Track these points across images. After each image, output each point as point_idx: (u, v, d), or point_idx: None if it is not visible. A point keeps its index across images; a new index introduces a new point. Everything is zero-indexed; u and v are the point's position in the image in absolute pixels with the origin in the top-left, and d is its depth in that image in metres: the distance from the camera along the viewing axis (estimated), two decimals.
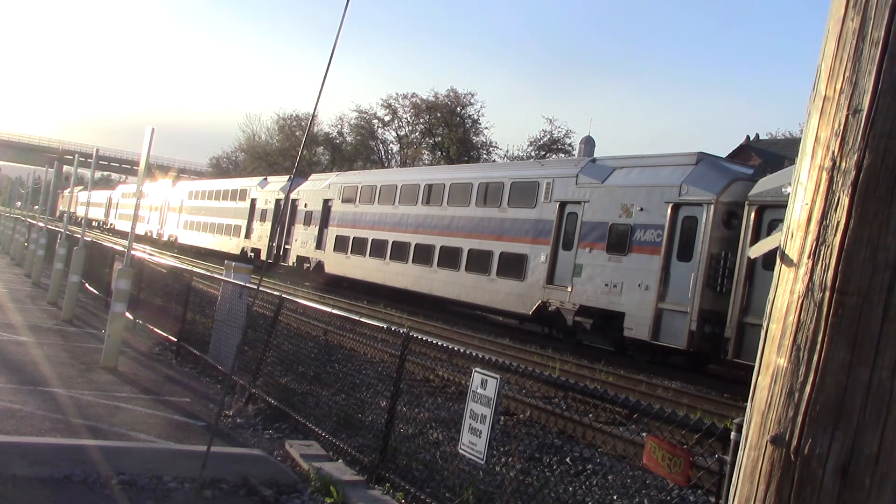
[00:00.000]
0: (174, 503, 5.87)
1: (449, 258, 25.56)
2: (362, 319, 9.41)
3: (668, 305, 17.76)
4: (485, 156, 61.14)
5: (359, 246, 30.75)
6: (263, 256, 38.66)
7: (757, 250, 1.67)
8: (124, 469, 6.19)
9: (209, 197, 49.82)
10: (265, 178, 44.84)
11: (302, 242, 35.41)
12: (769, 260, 1.67)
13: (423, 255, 26.89)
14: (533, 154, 57.20)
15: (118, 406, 8.54)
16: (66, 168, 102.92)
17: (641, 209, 18.86)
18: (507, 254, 23.20)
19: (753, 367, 1.57)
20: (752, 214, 16.39)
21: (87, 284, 18.50)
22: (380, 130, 67.25)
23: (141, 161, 11.54)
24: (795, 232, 1.49)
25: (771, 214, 16.07)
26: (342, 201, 32.80)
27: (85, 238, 16.95)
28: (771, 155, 38.96)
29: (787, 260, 1.50)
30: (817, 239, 1.44)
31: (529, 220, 22.60)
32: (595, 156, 25.29)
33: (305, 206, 35.59)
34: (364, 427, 7.99)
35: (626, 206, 19.29)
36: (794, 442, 1.41)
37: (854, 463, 1.36)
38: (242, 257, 39.33)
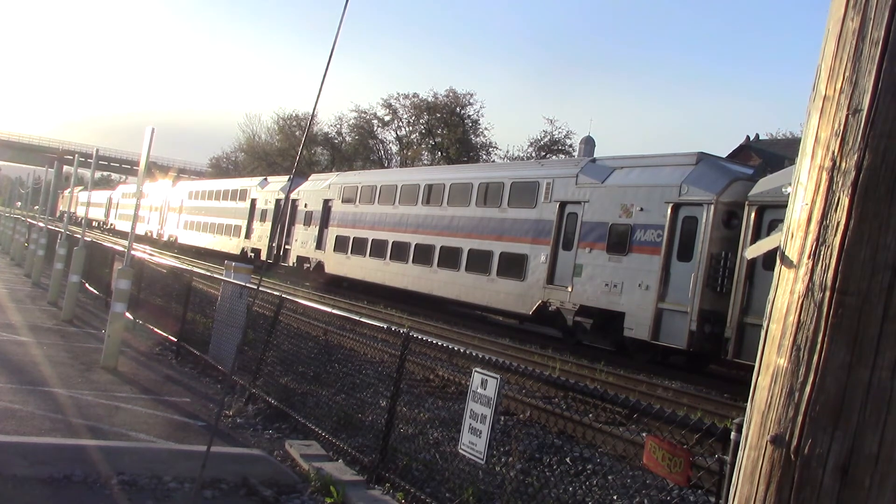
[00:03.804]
0: (174, 503, 5.87)
1: (449, 258, 25.56)
2: (362, 319, 9.41)
3: (669, 305, 17.76)
4: (484, 156, 61.14)
5: (359, 246, 30.76)
6: (263, 256, 38.66)
7: (754, 251, 1.67)
8: (124, 469, 6.19)
9: (209, 197, 49.82)
10: (265, 179, 44.85)
11: (302, 242, 35.41)
12: (769, 260, 1.68)
13: (423, 255, 26.89)
14: (533, 154, 57.19)
15: (118, 406, 8.54)
16: (66, 168, 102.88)
17: (641, 209, 18.86)
18: (507, 254, 23.20)
19: (753, 367, 1.57)
20: (752, 214, 16.39)
21: (87, 284, 18.51)
22: (379, 130, 67.32)
23: (141, 161, 11.54)
24: (795, 232, 1.49)
25: (771, 214, 16.07)
26: (342, 201, 32.80)
27: (85, 238, 16.95)
28: (771, 155, 38.98)
29: (787, 260, 1.50)
30: (817, 239, 1.44)
31: (529, 220, 22.60)
32: (595, 156, 25.29)
33: (305, 206, 35.59)
34: (364, 427, 7.99)
35: (626, 206, 19.28)
36: (794, 442, 1.41)
37: (854, 463, 1.36)
38: (242, 257, 39.32)
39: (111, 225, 76.15)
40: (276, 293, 10.70)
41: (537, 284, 21.70)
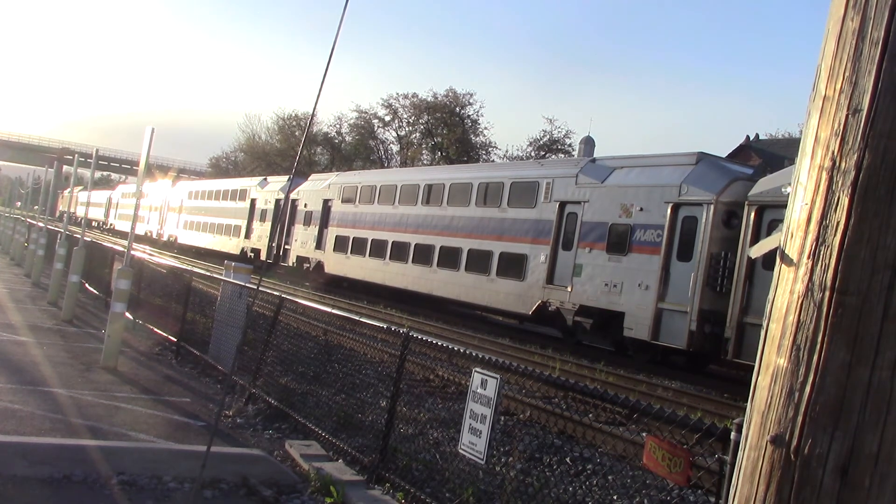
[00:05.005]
0: (174, 503, 5.87)
1: (449, 258, 25.56)
2: (362, 319, 9.41)
3: (668, 305, 17.76)
4: (484, 156, 61.12)
5: (359, 246, 30.75)
6: (263, 256, 38.65)
7: (758, 250, 1.67)
8: (124, 469, 6.19)
9: (209, 197, 49.81)
10: (265, 178, 44.83)
11: (302, 242, 35.41)
12: (769, 260, 1.67)
13: (422, 255, 26.88)
14: (533, 154, 57.18)
15: (118, 406, 8.54)
16: (66, 168, 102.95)
17: (641, 209, 18.85)
18: (507, 254, 23.20)
19: (753, 367, 1.57)
20: (752, 214, 16.38)
21: (87, 284, 18.50)
22: (380, 130, 67.31)
23: (141, 161, 11.55)
24: (795, 232, 1.49)
25: (771, 214, 16.07)
26: (342, 201, 32.80)
27: (85, 238, 16.95)
28: (771, 155, 38.99)
29: (787, 260, 1.50)
30: (817, 239, 1.44)
31: (529, 220, 22.60)
32: (595, 156, 25.29)
33: (305, 206, 35.59)
34: (364, 427, 7.99)
35: (626, 206, 19.28)
36: (794, 442, 1.41)
37: (854, 463, 1.36)
38: (242, 257, 39.31)
39: (111, 225, 76.13)
40: (275, 293, 10.70)
41: (537, 284, 21.70)
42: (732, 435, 3.85)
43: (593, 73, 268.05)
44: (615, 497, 7.71)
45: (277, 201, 38.77)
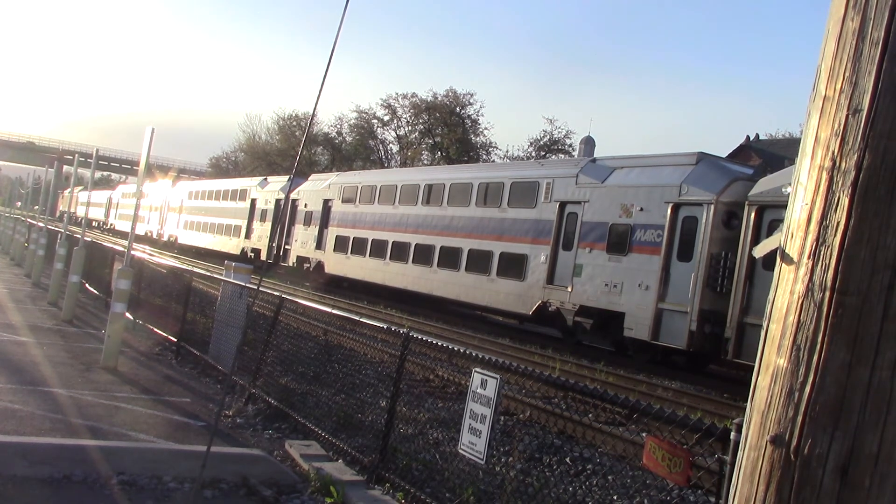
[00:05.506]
0: (174, 503, 5.87)
1: (449, 258, 25.56)
2: (362, 319, 9.41)
3: (669, 305, 17.76)
4: (484, 156, 61.11)
5: (359, 246, 30.75)
6: (263, 256, 38.65)
7: (761, 250, 1.67)
8: (124, 469, 6.19)
9: (209, 197, 49.81)
10: (265, 179, 44.83)
11: (302, 242, 35.41)
12: (769, 260, 1.67)
13: (423, 255, 26.88)
14: (533, 154, 57.17)
15: (118, 406, 8.54)
16: (66, 168, 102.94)
17: (641, 209, 18.85)
18: (507, 254, 23.20)
19: (753, 367, 1.57)
20: (752, 214, 16.38)
21: (87, 284, 18.50)
22: (379, 130, 67.28)
23: (141, 161, 11.55)
24: (795, 232, 1.49)
25: (771, 214, 16.07)
26: (342, 201, 32.80)
27: (85, 238, 16.95)
28: (771, 155, 38.99)
29: (787, 260, 1.50)
30: (817, 239, 1.44)
31: (529, 220, 22.60)
32: (595, 156, 25.30)
33: (305, 206, 35.59)
34: (364, 427, 7.99)
35: (626, 206, 19.28)
36: (794, 442, 1.41)
37: (854, 463, 1.36)
38: (242, 257, 39.31)
39: (111, 225, 76.13)
40: (276, 293, 10.70)
41: (537, 284, 21.70)
42: (732, 435, 3.85)
43: (593, 73, 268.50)
44: (615, 497, 7.71)
45: (278, 201, 38.77)
